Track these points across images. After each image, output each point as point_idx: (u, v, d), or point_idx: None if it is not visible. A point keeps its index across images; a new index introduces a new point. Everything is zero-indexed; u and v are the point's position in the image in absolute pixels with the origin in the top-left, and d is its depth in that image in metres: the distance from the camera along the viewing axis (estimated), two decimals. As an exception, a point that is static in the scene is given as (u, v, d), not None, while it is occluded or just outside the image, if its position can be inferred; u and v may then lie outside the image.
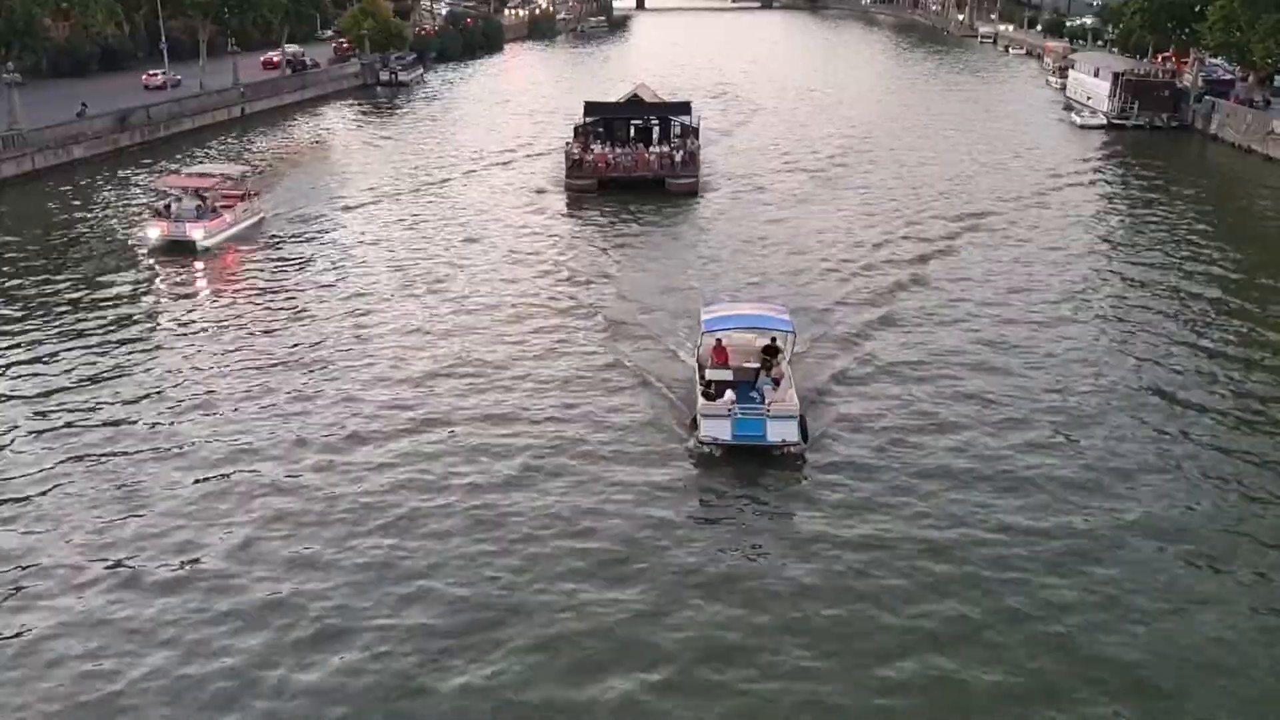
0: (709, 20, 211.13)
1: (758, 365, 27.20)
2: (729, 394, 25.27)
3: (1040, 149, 68.30)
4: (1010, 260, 41.72)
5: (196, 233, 42.52)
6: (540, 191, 53.68)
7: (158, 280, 39.23)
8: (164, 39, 77.85)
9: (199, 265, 41.19)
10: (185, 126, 70.93)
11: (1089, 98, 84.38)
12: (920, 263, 40.85)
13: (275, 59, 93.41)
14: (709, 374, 26.63)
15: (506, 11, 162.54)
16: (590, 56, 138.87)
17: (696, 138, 57.36)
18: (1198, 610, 19.60)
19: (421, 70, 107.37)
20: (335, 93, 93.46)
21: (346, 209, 49.92)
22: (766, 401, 25.35)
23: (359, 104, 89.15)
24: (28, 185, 54.61)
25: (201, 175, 47.62)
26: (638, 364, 30.47)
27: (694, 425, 25.41)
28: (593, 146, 54.80)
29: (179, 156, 62.55)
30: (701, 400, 25.43)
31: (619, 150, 54.55)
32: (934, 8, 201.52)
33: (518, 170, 58.98)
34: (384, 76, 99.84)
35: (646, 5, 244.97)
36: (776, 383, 26.10)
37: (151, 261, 41.25)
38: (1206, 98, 76.52)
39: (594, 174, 53.17)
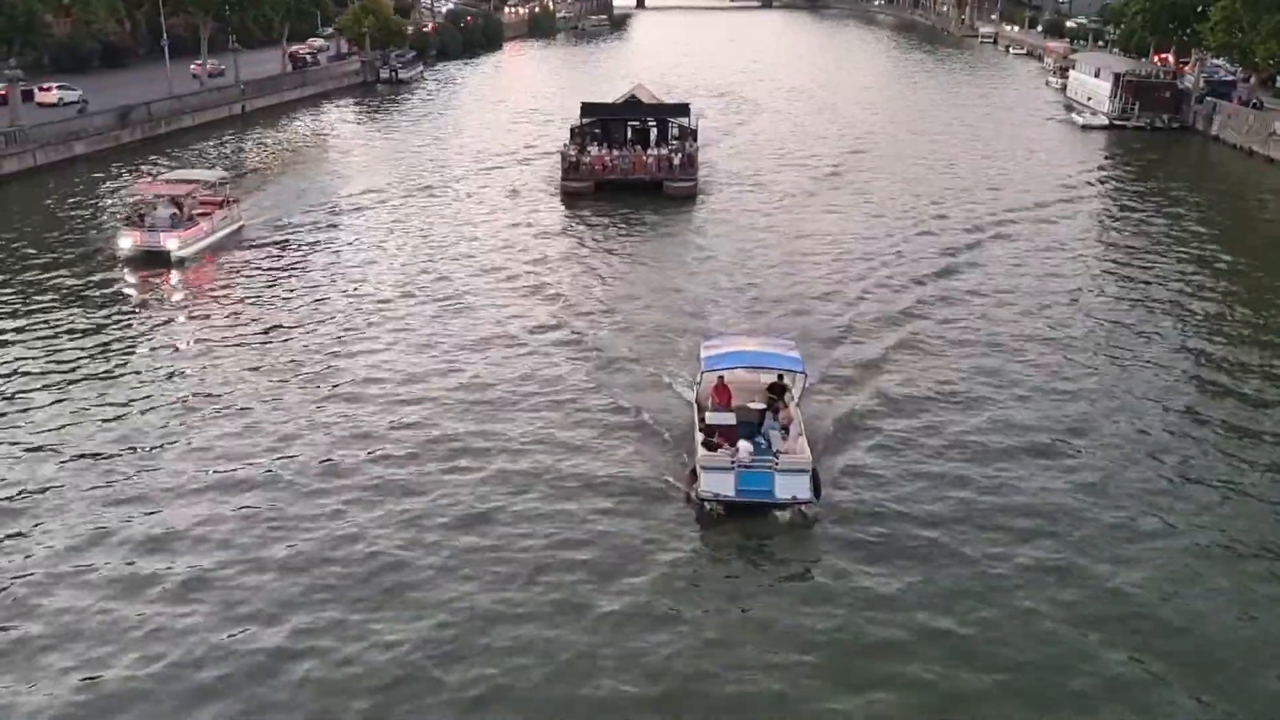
0: (709, 19, 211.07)
1: (763, 406, 24.70)
2: (744, 445, 22.49)
3: (1044, 150, 68.23)
4: (1025, 271, 40.24)
5: (171, 243, 40.27)
6: (536, 194, 52.59)
7: (128, 293, 37.07)
8: (165, 36, 77.82)
9: (173, 277, 39.01)
10: (186, 123, 70.95)
11: (1090, 98, 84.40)
12: (932, 279, 38.85)
13: (303, 50, 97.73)
14: (709, 417, 23.99)
15: (506, 10, 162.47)
16: (590, 55, 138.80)
17: (695, 139, 56.44)
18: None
19: (421, 68, 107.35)
20: (335, 90, 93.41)
21: (334, 214, 48.18)
22: (774, 451, 22.77)
23: (359, 102, 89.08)
24: (28, 181, 54.54)
25: (176, 182, 44.97)
26: (630, 399, 27.74)
27: (693, 477, 22.60)
28: (589, 148, 53.92)
29: (171, 153, 62.63)
30: (701, 450, 22.62)
31: (616, 152, 53.62)
32: (943, 9, 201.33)
33: (514, 172, 57.87)
34: (384, 74, 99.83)
35: (647, 4, 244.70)
36: (785, 429, 23.49)
37: (124, 273, 39.14)
38: (1208, 99, 76.56)
39: (590, 176, 52.23)
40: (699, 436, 23.34)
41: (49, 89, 69.37)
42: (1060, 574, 20.39)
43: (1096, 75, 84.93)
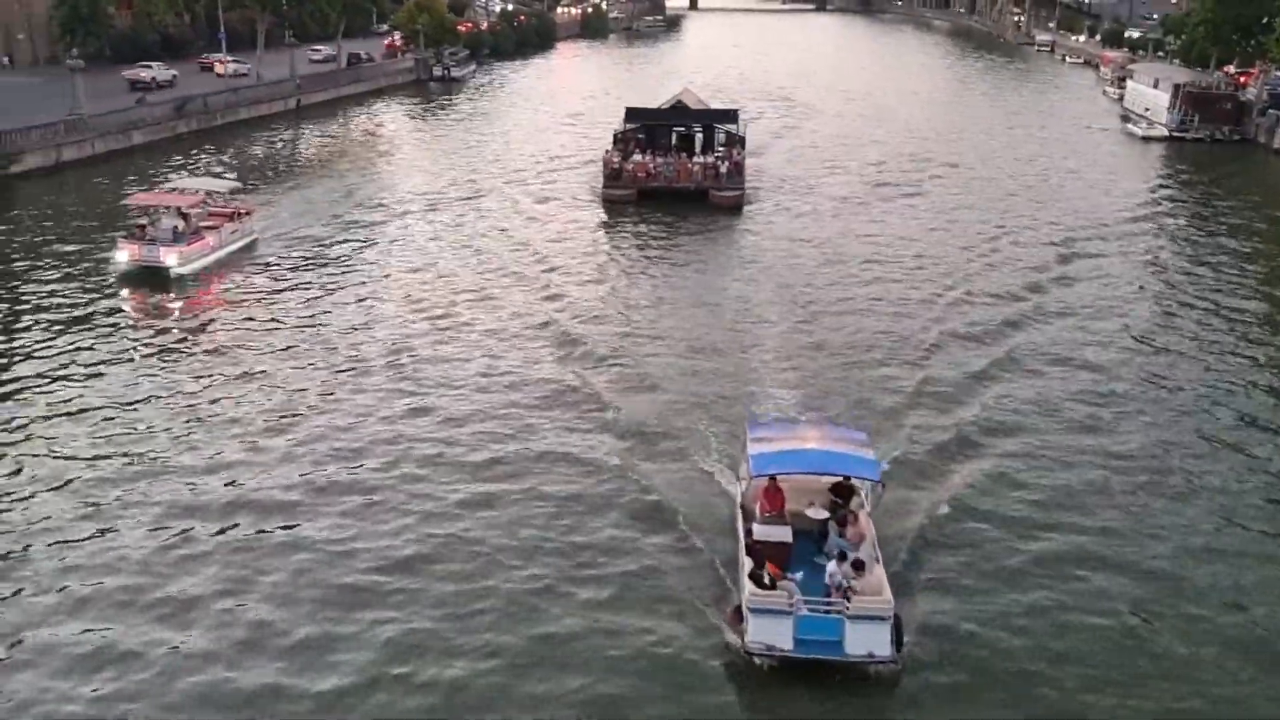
0: (762, 21, 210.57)
1: (825, 514, 19.89)
2: (833, 568, 17.85)
3: (1104, 162, 66.92)
4: (1106, 309, 36.30)
5: (171, 258, 36.98)
6: (576, 203, 50.57)
7: (118, 314, 34.05)
8: (222, 28, 79.17)
9: (168, 297, 35.73)
10: (241, 116, 71.93)
11: (1147, 109, 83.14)
12: (1005, 327, 34.06)
13: (395, 43, 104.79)
14: (758, 530, 19.05)
15: (559, 9, 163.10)
16: (641, 56, 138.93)
17: (743, 146, 54.74)
18: None
19: (474, 67, 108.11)
20: (389, 87, 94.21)
21: (360, 225, 45.44)
22: (843, 586, 17.56)
23: (411, 99, 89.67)
24: (85, 169, 55.44)
25: (181, 192, 41.69)
26: (656, 482, 23.00)
27: (738, 617, 17.74)
28: (633, 155, 52.46)
29: (224, 145, 63.42)
30: (749, 585, 17.52)
31: (660, 159, 51.70)
32: (1000, 16, 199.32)
33: (556, 178, 56.16)
34: (437, 72, 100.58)
35: (699, 5, 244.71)
36: (859, 565, 17.89)
37: (120, 290, 36.02)
38: (1271, 111, 75.14)
39: (633, 184, 50.34)
40: (745, 560, 18.44)
41: (225, 61, 79.91)
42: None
43: (1155, 86, 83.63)
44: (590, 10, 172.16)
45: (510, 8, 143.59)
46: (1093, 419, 27.52)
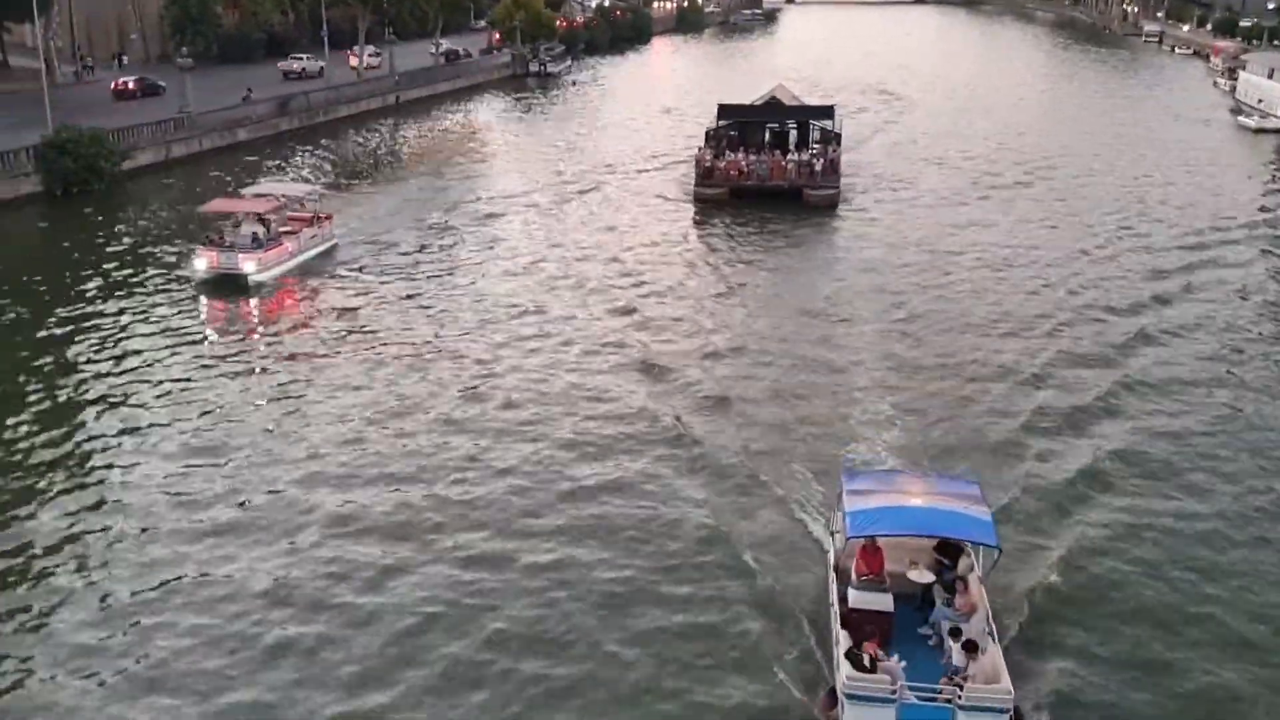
0: (860, 14, 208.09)
1: (930, 578, 17.70)
2: (953, 650, 15.84)
3: (1217, 159, 64.50)
4: (1240, 326, 33.38)
5: (249, 265, 36.02)
6: (668, 203, 49.57)
7: (194, 325, 32.97)
8: (325, 27, 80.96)
9: (247, 305, 35.03)
10: (341, 113, 73.41)
11: (1261, 100, 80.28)
12: (1125, 342, 31.39)
13: (498, 38, 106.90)
14: (854, 596, 16.96)
15: (655, 4, 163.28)
16: (737, 51, 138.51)
17: (839, 144, 52.36)
18: None
19: (570, 62, 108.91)
20: (486, 83, 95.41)
21: (446, 228, 44.31)
22: (954, 670, 15.59)
23: (507, 95, 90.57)
24: (192, 166, 57.13)
25: (258, 197, 40.57)
26: (739, 530, 20.88)
27: (832, 702, 15.75)
28: (726, 153, 51.37)
29: (325, 142, 64.88)
30: (846, 666, 15.39)
31: (753, 157, 50.32)
32: (1105, 6, 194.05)
33: (648, 178, 55.30)
34: (533, 67, 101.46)
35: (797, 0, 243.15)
36: (971, 647, 15.65)
37: (198, 299, 35.24)
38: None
39: (725, 183, 49.26)
40: (840, 634, 16.33)
41: (359, 55, 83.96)
42: None
43: (1270, 76, 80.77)
44: (686, 4, 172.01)
45: (606, 3, 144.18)
46: (1235, 452, 24.54)
